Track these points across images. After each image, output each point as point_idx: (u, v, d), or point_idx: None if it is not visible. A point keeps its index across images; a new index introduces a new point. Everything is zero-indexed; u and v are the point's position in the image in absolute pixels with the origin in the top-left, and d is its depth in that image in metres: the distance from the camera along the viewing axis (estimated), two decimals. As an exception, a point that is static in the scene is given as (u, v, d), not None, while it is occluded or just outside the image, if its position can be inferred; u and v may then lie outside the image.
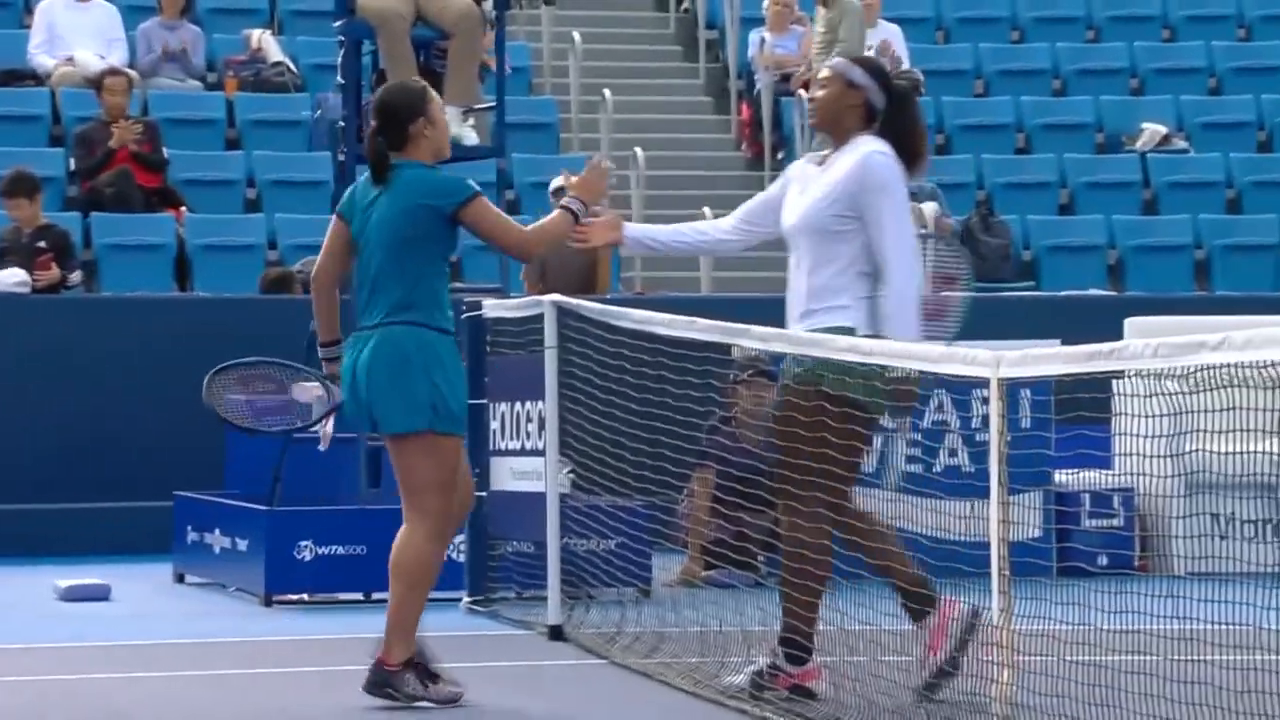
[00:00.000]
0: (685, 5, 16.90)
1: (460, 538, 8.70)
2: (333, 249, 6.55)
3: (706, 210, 13.63)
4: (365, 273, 6.46)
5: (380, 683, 6.37)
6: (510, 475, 8.59)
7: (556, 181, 12.87)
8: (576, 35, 15.44)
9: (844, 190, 6.33)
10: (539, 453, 8.20)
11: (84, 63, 14.38)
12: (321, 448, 7.37)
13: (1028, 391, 7.65)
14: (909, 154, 6.38)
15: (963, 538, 6.19)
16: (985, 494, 5.56)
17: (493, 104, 9.83)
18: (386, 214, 6.41)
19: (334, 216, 6.59)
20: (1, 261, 12.06)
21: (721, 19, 16.17)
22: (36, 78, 14.53)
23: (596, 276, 12.59)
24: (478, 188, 6.52)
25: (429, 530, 6.39)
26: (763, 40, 15.37)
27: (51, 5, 14.62)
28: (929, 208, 13.76)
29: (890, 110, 6.41)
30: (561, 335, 8.06)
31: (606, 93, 14.89)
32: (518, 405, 8.47)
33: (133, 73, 14.16)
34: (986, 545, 5.54)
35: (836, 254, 6.33)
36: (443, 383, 6.37)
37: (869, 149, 6.34)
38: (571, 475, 8.52)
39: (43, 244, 12.16)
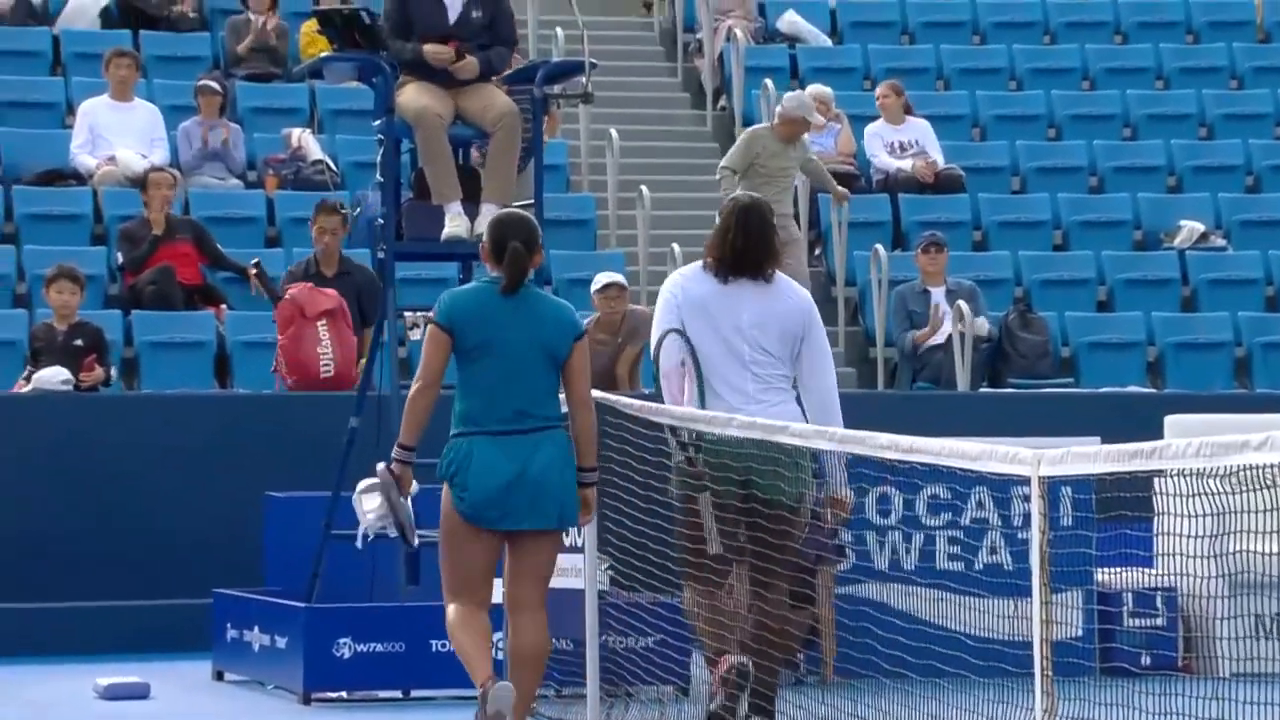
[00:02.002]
0: (722, 103, 17.00)
1: (497, 635, 8.67)
2: (444, 360, 6.95)
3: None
4: (505, 377, 6.91)
5: None
6: (549, 573, 8.56)
7: (601, 279, 12.92)
8: (614, 132, 15.53)
9: None
10: (578, 549, 8.18)
11: (126, 162, 14.50)
12: (359, 544, 7.50)
13: (1069, 489, 7.62)
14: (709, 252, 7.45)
15: (1005, 637, 6.16)
16: (1027, 593, 5.53)
17: (531, 202, 9.88)
18: (536, 330, 6.95)
19: (435, 329, 6.93)
20: (37, 360, 12.11)
21: (758, 116, 16.24)
22: (79, 177, 14.66)
23: (617, 375, 12.64)
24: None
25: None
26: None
27: (94, 106, 14.77)
28: (963, 307, 13.78)
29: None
30: (600, 430, 8.06)
31: (644, 189, 14.97)
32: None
33: (175, 172, 14.28)
34: (1029, 645, 5.51)
35: None
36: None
37: None
38: (610, 572, 8.50)
39: (79, 342, 12.21)
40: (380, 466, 7.07)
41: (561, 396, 7.09)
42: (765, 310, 7.41)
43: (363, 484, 7.32)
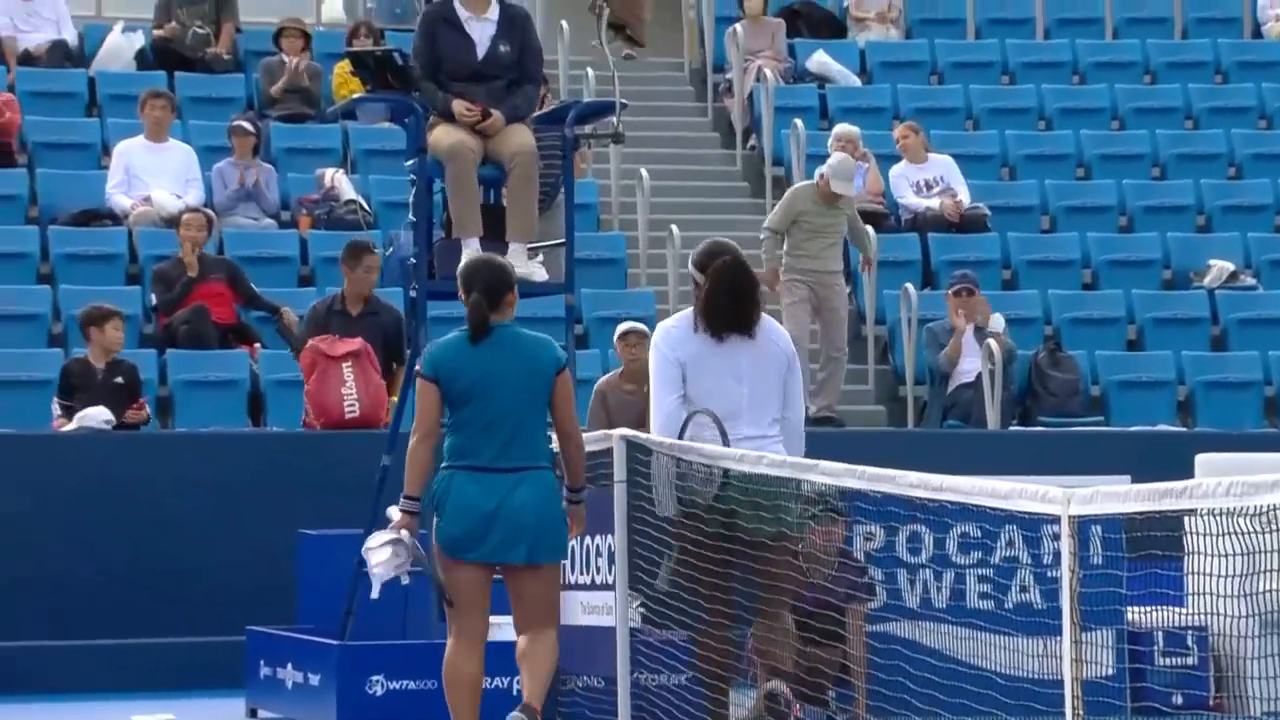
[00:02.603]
0: (752, 142, 17.04)
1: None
2: (437, 410, 7.35)
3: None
4: (489, 419, 7.29)
5: None
6: (581, 610, 8.59)
7: (622, 327, 12.96)
8: (644, 172, 15.57)
9: None
10: (609, 587, 8.20)
11: (161, 202, 14.59)
12: (374, 595, 7.67)
13: (1099, 528, 7.61)
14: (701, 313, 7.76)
15: (1036, 675, 6.16)
16: (1058, 631, 5.54)
17: (562, 241, 9.91)
18: (512, 370, 7.33)
19: (423, 380, 7.34)
20: (73, 396, 12.14)
21: (787, 156, 16.29)
22: (114, 217, 14.75)
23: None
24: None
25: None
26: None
27: (129, 147, 14.86)
28: (992, 345, 13.79)
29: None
30: (631, 470, 8.08)
31: (674, 228, 15.00)
32: (588, 540, 8.49)
33: (209, 212, 14.36)
34: (1060, 683, 5.51)
35: None
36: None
37: None
38: (641, 609, 8.51)
39: (119, 380, 12.25)
40: (392, 510, 7.45)
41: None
42: (757, 360, 7.79)
43: (371, 539, 7.52)
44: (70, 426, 11.96)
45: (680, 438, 7.70)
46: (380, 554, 7.37)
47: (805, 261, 13.71)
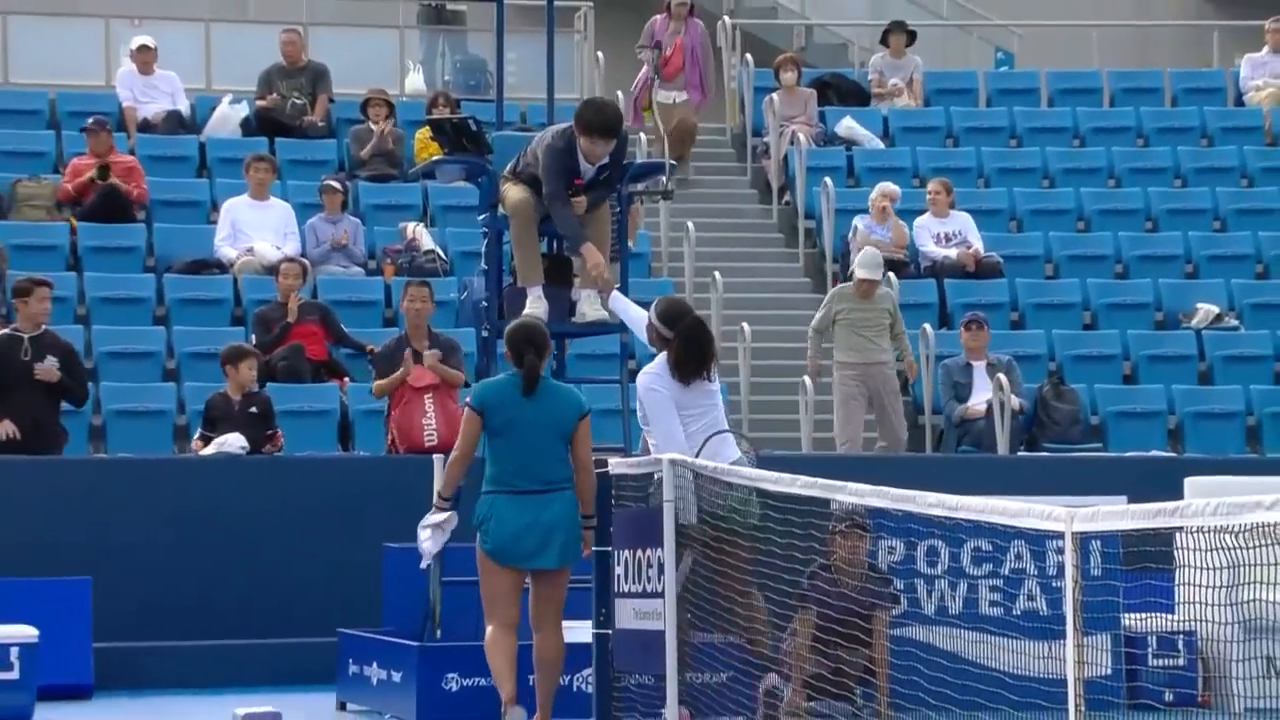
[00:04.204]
0: (786, 198, 17.04)
1: (588, 670, 8.74)
2: (477, 437, 8.06)
3: (805, 380, 13.70)
4: (525, 450, 8.02)
5: None
6: (632, 615, 8.55)
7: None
8: (690, 225, 15.59)
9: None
10: (658, 595, 8.18)
11: (262, 253, 14.66)
12: (423, 565, 8.56)
13: (1098, 543, 7.57)
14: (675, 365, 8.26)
15: (1041, 675, 6.11)
16: (1061, 635, 5.50)
17: (618, 286, 9.91)
18: (544, 416, 8.03)
19: (471, 412, 8.06)
20: (215, 426, 12.13)
21: (819, 210, 16.29)
22: (221, 266, 14.82)
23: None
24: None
25: None
26: (857, 228, 15.54)
27: (235, 204, 14.94)
28: (1002, 379, 13.73)
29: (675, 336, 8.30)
30: (677, 490, 8.08)
31: (716, 275, 15.01)
32: (639, 552, 8.46)
33: (305, 261, 14.42)
34: (1063, 682, 5.47)
35: None
36: None
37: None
38: (688, 614, 8.48)
39: (254, 409, 12.21)
40: (439, 504, 8.26)
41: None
42: (712, 398, 8.44)
43: (421, 528, 8.32)
44: (208, 451, 11.94)
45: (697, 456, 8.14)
46: (425, 534, 8.27)
47: (852, 355, 13.59)
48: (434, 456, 9.64)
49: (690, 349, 8.32)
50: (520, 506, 7.99)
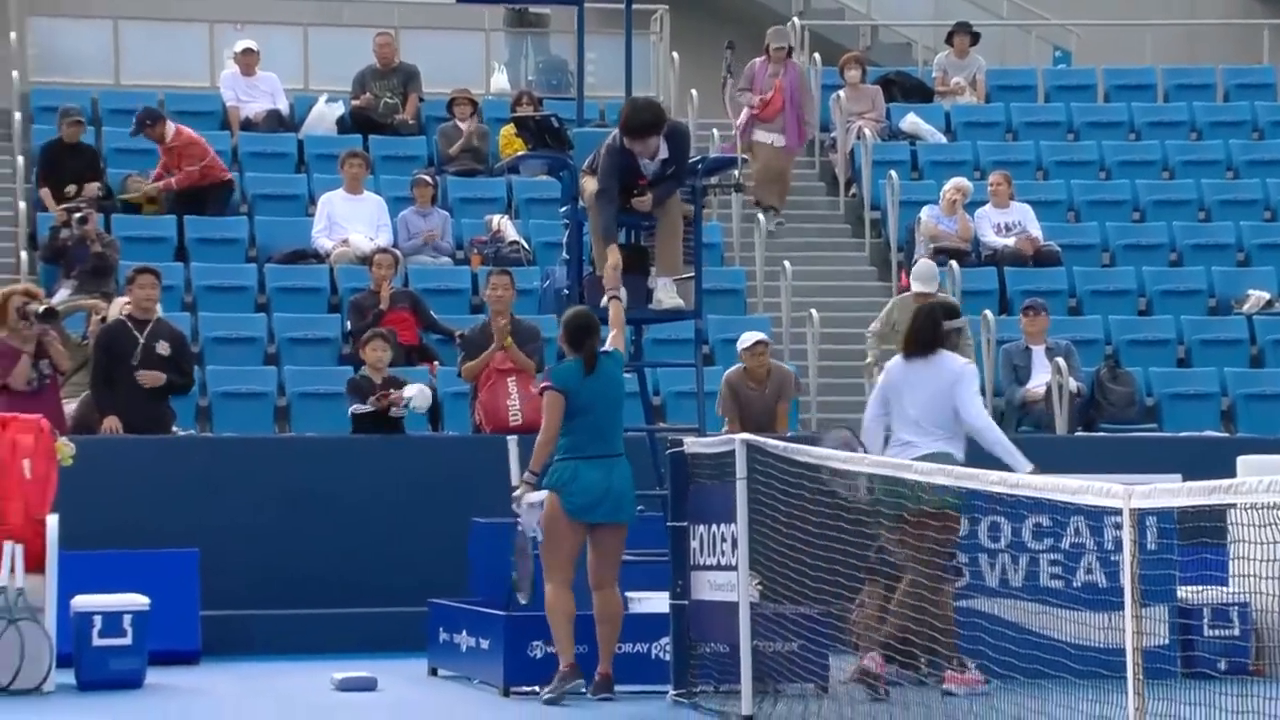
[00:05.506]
0: (852, 191, 16.97)
1: (665, 639, 8.76)
2: (561, 416, 8.62)
3: (865, 383, 13.59)
4: (596, 420, 8.64)
5: (609, 688, 8.52)
6: (708, 587, 8.56)
7: (748, 337, 12.87)
8: (761, 216, 15.55)
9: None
10: (732, 568, 8.17)
11: (357, 244, 14.74)
12: (536, 536, 8.74)
13: (1155, 519, 7.50)
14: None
15: (1100, 645, 6.07)
16: (1119, 607, 5.46)
17: (692, 275, 9.89)
18: (612, 390, 8.70)
19: (554, 394, 8.61)
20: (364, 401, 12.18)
21: (884, 201, 16.21)
22: (318, 256, 14.92)
23: (777, 418, 12.60)
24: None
25: None
26: (922, 219, 15.46)
27: (331, 198, 15.03)
28: (1060, 363, 13.63)
29: None
30: (751, 467, 8.07)
31: (786, 264, 14.97)
32: (714, 527, 8.46)
33: (396, 251, 14.48)
34: (1121, 652, 5.43)
35: None
36: None
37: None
38: (760, 586, 8.48)
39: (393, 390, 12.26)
40: (529, 495, 8.72)
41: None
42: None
43: (527, 500, 8.75)
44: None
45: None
46: (527, 511, 8.74)
47: None
48: (509, 437, 9.66)
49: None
50: (597, 469, 8.59)
